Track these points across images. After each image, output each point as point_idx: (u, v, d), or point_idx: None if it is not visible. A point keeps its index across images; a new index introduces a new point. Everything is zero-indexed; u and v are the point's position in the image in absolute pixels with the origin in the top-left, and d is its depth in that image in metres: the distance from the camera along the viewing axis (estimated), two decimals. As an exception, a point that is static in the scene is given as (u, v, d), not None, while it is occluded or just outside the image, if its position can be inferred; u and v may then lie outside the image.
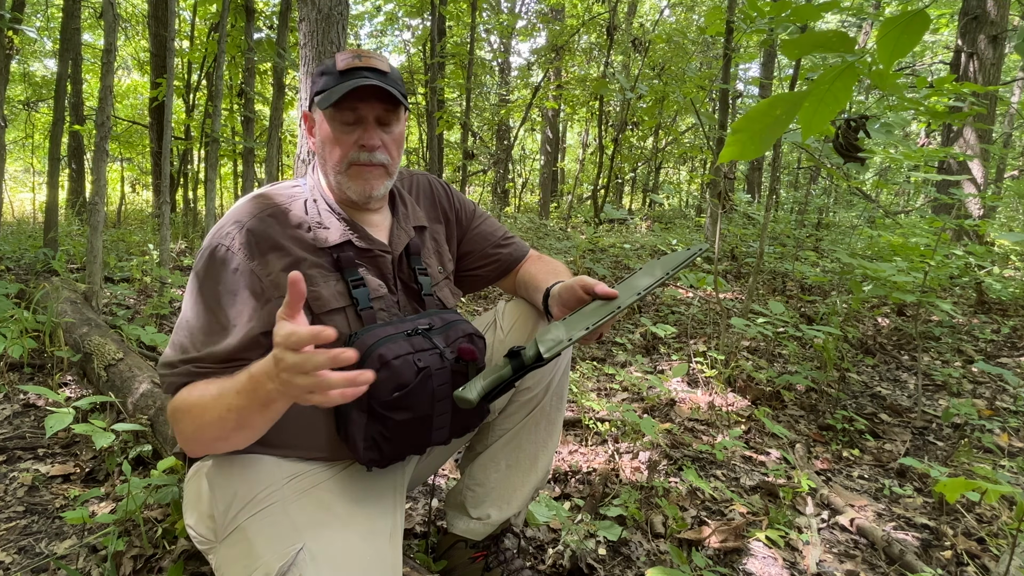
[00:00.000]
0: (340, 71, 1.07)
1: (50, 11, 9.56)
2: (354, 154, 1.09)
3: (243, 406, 0.89)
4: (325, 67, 1.11)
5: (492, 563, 1.31)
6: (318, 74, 1.12)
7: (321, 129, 1.12)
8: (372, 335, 1.02)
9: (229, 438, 0.94)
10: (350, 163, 1.10)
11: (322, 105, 1.08)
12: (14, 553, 1.40)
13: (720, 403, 2.51)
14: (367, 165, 1.10)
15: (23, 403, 2.17)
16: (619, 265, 5.49)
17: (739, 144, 0.71)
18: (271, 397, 0.86)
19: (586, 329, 1.01)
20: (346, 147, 1.09)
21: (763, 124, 0.68)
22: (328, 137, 1.10)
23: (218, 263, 1.02)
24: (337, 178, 1.11)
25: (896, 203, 13.02)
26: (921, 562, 1.53)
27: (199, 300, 1.02)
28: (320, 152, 1.14)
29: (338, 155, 1.10)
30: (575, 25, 8.85)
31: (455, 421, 1.10)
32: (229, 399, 0.90)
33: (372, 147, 1.09)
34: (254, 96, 5.70)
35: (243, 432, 0.93)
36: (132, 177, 12.39)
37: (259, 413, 0.89)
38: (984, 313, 4.52)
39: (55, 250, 4.10)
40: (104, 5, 2.97)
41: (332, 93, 1.06)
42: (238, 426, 0.91)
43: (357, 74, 1.07)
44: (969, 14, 6.05)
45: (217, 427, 0.92)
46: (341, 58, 1.09)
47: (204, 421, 0.93)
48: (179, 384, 0.98)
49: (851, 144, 2.46)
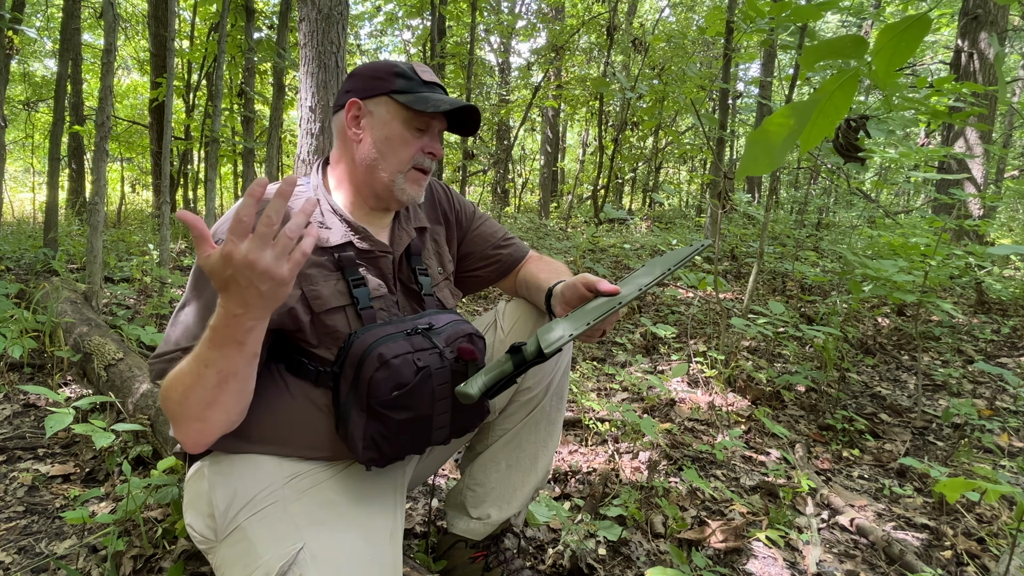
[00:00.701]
0: (424, 81, 1.13)
1: (50, 11, 9.56)
2: (419, 159, 1.14)
3: (219, 356, 0.87)
4: (399, 70, 1.13)
5: (492, 563, 1.31)
6: (390, 73, 1.12)
7: (388, 126, 1.12)
8: (372, 334, 1.02)
9: (217, 400, 0.91)
10: (414, 166, 1.14)
11: (418, 106, 1.09)
12: (14, 553, 1.40)
13: (720, 403, 2.51)
14: (425, 172, 1.16)
15: (23, 403, 2.17)
16: (619, 265, 5.49)
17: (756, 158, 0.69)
18: (239, 321, 0.83)
19: (587, 324, 1.01)
20: (415, 149, 1.13)
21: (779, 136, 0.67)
22: (399, 137, 1.12)
23: None
24: (395, 177, 1.13)
25: (896, 203, 13.02)
26: (921, 562, 1.53)
27: (198, 294, 1.01)
28: (377, 147, 1.12)
29: (407, 156, 1.13)
30: (575, 25, 8.85)
31: (455, 421, 1.10)
32: (202, 353, 0.88)
33: (437, 155, 1.16)
34: (254, 96, 5.70)
35: (229, 386, 0.90)
36: (132, 177, 12.39)
37: (238, 354, 0.87)
38: (984, 313, 4.52)
39: (55, 250, 4.10)
40: (104, 5, 2.97)
41: (426, 99, 1.10)
42: (221, 379, 0.88)
43: (438, 89, 1.14)
44: (969, 14, 6.05)
45: (200, 389, 0.89)
46: (418, 68, 1.14)
47: (186, 386, 0.90)
48: (165, 370, 0.96)
49: (851, 144, 2.46)
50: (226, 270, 0.80)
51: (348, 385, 1.01)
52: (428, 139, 1.14)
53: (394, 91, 1.11)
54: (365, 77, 1.14)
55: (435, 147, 1.15)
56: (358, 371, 0.99)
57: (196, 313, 1.01)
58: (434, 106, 1.08)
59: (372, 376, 0.98)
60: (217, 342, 0.86)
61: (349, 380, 1.01)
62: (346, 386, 1.01)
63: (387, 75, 1.12)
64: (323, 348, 1.06)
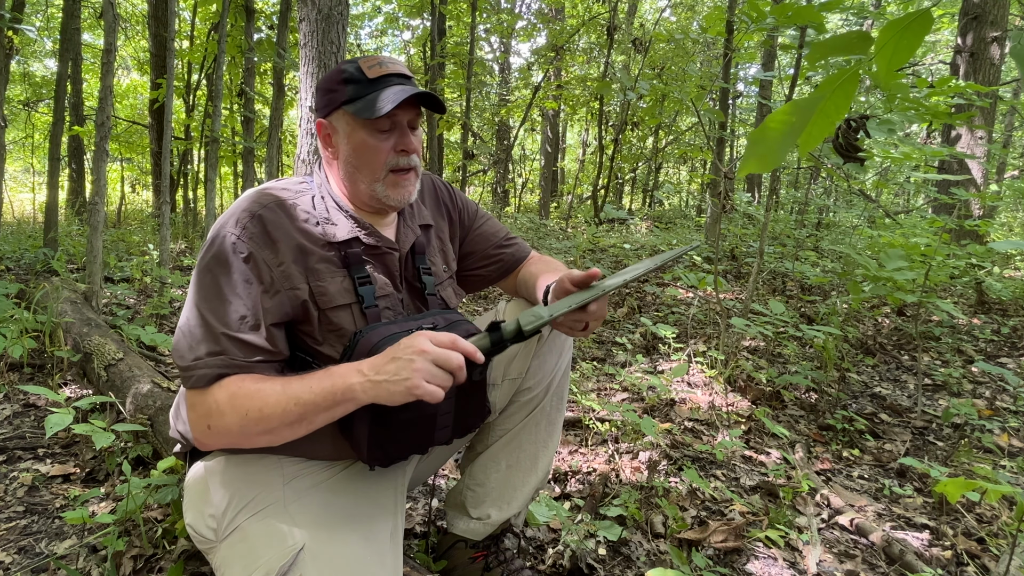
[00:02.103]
0: (371, 79, 1.06)
1: (50, 11, 9.56)
2: (392, 159, 1.09)
3: (313, 402, 0.91)
4: (347, 74, 1.08)
5: (492, 563, 1.31)
6: (339, 82, 1.08)
7: (352, 138, 1.09)
8: (376, 333, 1.02)
9: (280, 432, 0.94)
10: (389, 170, 1.09)
11: (365, 115, 1.05)
12: (14, 553, 1.40)
13: (720, 403, 2.51)
14: (404, 172, 1.10)
15: (23, 403, 2.17)
16: (619, 265, 5.49)
17: (757, 156, 0.69)
18: (350, 394, 0.90)
19: (568, 307, 1.01)
20: (385, 153, 1.08)
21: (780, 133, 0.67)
22: (364, 146, 1.08)
23: (227, 252, 1.00)
24: (373, 187, 1.10)
25: (896, 203, 13.01)
26: (921, 562, 1.53)
27: (210, 292, 0.99)
28: (350, 161, 1.10)
29: (379, 163, 1.08)
30: (575, 25, 8.85)
31: (458, 420, 1.10)
32: (298, 392, 0.92)
33: (412, 150, 1.11)
34: (254, 96, 5.71)
35: (299, 427, 0.94)
36: (132, 177, 12.39)
37: (326, 411, 0.92)
38: (984, 313, 4.52)
39: (55, 250, 4.10)
40: (104, 5, 2.97)
41: (373, 102, 1.04)
42: (299, 420, 0.92)
43: (389, 81, 1.07)
44: (969, 14, 6.05)
45: (275, 421, 0.92)
46: (366, 65, 1.08)
47: (263, 414, 0.92)
48: (213, 376, 0.95)
49: (851, 144, 2.46)
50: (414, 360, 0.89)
51: None
52: (397, 136, 1.09)
53: (345, 102, 1.08)
54: (322, 92, 1.12)
55: (405, 142, 1.09)
56: None
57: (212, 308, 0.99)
58: (378, 110, 1.04)
59: None
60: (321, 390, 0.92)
61: None
62: None
63: (337, 85, 1.09)
64: (327, 346, 1.06)
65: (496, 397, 1.30)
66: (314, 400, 0.91)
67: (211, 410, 0.95)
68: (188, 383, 0.97)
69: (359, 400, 0.91)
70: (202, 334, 0.97)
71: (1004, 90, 9.06)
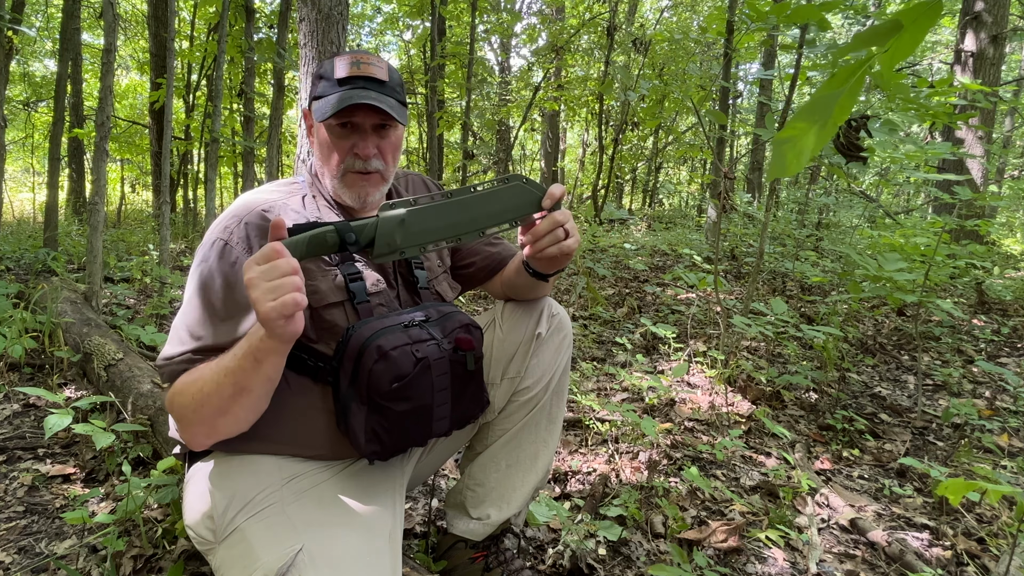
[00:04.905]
0: (338, 79, 1.08)
1: (50, 11, 9.56)
2: (349, 161, 1.10)
3: (238, 367, 0.91)
4: (324, 70, 1.11)
5: (492, 563, 1.31)
6: (317, 76, 1.12)
7: (319, 134, 1.12)
8: (369, 327, 1.02)
9: (229, 409, 0.94)
10: (346, 171, 1.11)
11: (318, 116, 1.08)
12: (14, 553, 1.40)
13: (720, 403, 2.51)
14: (362, 173, 1.11)
15: (23, 403, 2.17)
16: (619, 265, 5.49)
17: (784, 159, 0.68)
18: (261, 345, 0.89)
19: (420, 248, 0.99)
20: (342, 153, 1.10)
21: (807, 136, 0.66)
22: (325, 143, 1.11)
23: (218, 257, 1.03)
24: (333, 183, 1.13)
25: (896, 203, 13.00)
26: (921, 562, 1.53)
27: (199, 294, 1.03)
28: (318, 155, 1.15)
29: (335, 161, 1.11)
30: (575, 25, 8.85)
31: (455, 411, 1.10)
32: (225, 362, 0.93)
33: (367, 155, 1.10)
34: (254, 96, 5.70)
35: (242, 399, 0.93)
36: (132, 177, 12.38)
37: (253, 370, 0.91)
38: (984, 313, 4.51)
39: (55, 250, 4.09)
40: (104, 5, 2.97)
41: (327, 103, 1.07)
42: (236, 391, 0.92)
43: (354, 83, 1.07)
44: (969, 14, 6.04)
45: (216, 397, 0.93)
46: (340, 64, 1.09)
47: (204, 394, 0.94)
48: (179, 372, 0.99)
49: (852, 143, 2.46)
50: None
51: (348, 379, 1.01)
52: (357, 139, 1.09)
53: (316, 97, 1.10)
54: (312, 80, 1.14)
55: (361, 146, 1.09)
56: (357, 364, 1.00)
57: (199, 309, 1.02)
58: (323, 114, 1.05)
59: (371, 368, 0.98)
60: (240, 353, 0.91)
61: (348, 374, 1.01)
62: (345, 380, 1.02)
63: (316, 79, 1.12)
64: (322, 343, 1.07)
65: (495, 396, 1.30)
66: (239, 364, 0.91)
67: (172, 404, 0.98)
68: (161, 381, 1.00)
69: (267, 346, 0.89)
70: (181, 336, 1.02)
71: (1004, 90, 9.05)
